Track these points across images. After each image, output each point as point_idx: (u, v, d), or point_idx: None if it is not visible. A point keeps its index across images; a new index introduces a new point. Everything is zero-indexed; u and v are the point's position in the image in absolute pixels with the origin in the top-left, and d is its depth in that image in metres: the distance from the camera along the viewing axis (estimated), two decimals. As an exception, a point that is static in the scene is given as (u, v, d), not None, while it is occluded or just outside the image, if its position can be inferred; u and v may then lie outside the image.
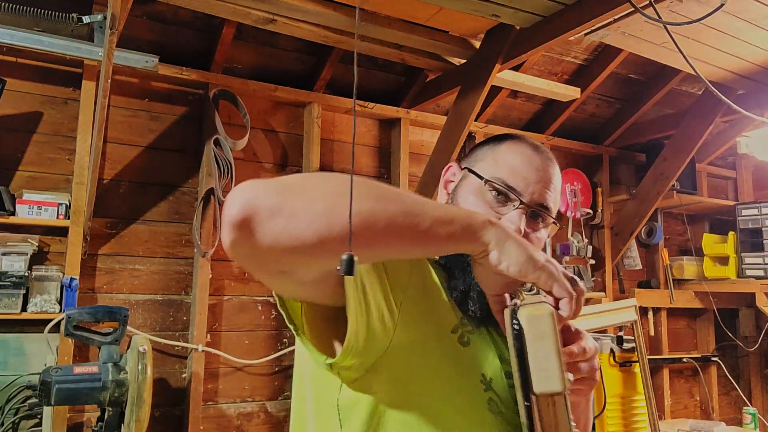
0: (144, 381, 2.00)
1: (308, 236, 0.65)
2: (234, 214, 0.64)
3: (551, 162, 0.96)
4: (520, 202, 0.91)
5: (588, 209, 3.74)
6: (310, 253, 0.66)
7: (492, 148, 0.98)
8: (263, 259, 0.68)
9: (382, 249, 0.71)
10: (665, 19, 1.90)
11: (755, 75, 2.93)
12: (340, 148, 3.16)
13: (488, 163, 0.95)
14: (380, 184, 0.76)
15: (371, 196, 0.69)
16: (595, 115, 3.92)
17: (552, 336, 0.70)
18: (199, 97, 2.82)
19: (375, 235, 0.68)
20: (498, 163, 0.94)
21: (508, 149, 0.96)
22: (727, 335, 4.20)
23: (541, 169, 0.94)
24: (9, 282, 2.22)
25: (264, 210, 0.64)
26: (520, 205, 0.91)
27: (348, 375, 0.82)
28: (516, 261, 0.73)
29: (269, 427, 2.83)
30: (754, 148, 3.49)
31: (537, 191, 0.92)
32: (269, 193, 0.66)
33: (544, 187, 0.93)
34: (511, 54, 2.61)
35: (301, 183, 0.69)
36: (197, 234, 2.66)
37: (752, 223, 3.85)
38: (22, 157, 2.45)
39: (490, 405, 0.85)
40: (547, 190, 0.93)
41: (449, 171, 1.02)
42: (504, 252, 0.73)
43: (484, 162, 0.96)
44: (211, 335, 2.71)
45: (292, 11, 2.40)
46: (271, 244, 0.65)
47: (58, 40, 2.30)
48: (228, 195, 0.67)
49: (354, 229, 0.64)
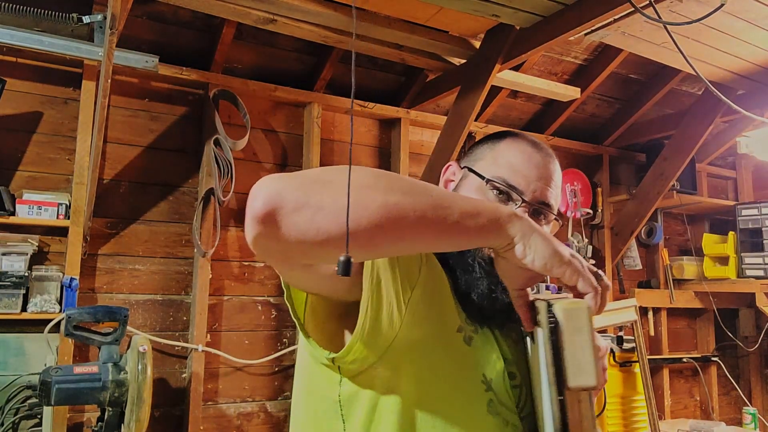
0: (144, 381, 2.00)
1: (335, 229, 0.64)
2: (258, 208, 0.64)
3: (551, 159, 0.96)
4: (522, 201, 0.91)
5: (588, 209, 3.74)
6: (336, 245, 0.65)
7: (491, 146, 0.97)
8: (289, 252, 0.69)
9: (410, 242, 0.70)
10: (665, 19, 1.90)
11: (755, 75, 2.93)
12: (340, 148, 3.16)
13: (488, 162, 0.95)
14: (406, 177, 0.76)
15: (399, 189, 0.68)
16: (595, 115, 3.92)
17: (588, 330, 0.69)
18: (199, 97, 2.82)
19: (404, 227, 0.67)
20: (498, 162, 0.94)
21: (507, 147, 0.95)
22: (727, 335, 4.20)
23: (542, 166, 0.93)
24: (9, 282, 2.22)
25: (289, 203, 0.64)
26: (522, 204, 0.91)
27: (351, 369, 0.82)
28: (541, 255, 0.72)
29: (269, 427, 2.83)
30: (754, 148, 3.49)
31: (538, 189, 0.92)
32: (294, 186, 0.66)
33: (545, 184, 0.93)
34: (511, 54, 2.61)
35: (325, 176, 0.69)
36: (197, 234, 2.66)
37: (752, 223, 3.85)
38: (22, 157, 2.45)
39: (490, 406, 0.86)
40: (548, 187, 0.93)
41: (449, 170, 1.02)
42: (529, 245, 0.72)
43: (484, 161, 0.96)
44: (211, 335, 2.72)
45: (292, 11, 2.40)
46: (298, 238, 0.65)
47: (58, 40, 2.29)
48: (252, 188, 0.67)
49: (383, 222, 0.65)
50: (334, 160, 3.12)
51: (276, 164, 2.99)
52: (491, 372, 0.88)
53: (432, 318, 0.86)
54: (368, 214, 0.64)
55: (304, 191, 0.65)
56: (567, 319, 0.70)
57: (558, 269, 0.72)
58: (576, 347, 0.69)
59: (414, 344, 0.83)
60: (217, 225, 2.71)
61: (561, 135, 3.79)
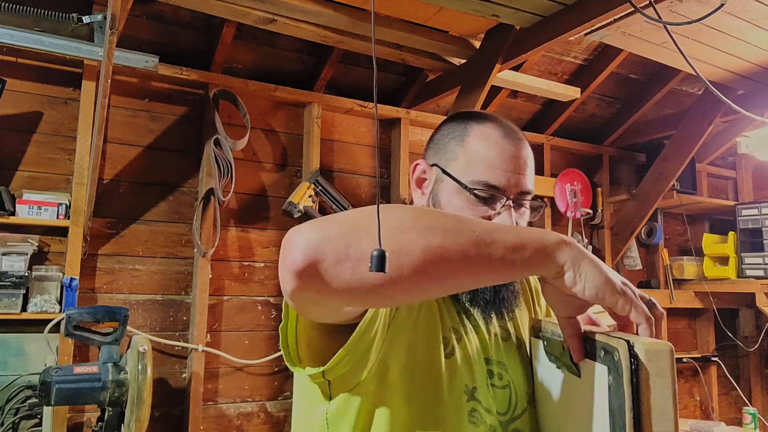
0: (144, 381, 2.00)
1: (379, 279, 0.62)
2: (297, 261, 0.61)
3: (522, 141, 0.94)
4: (507, 199, 0.90)
5: (588, 209, 3.74)
6: (381, 293, 0.65)
7: (460, 141, 0.94)
8: (331, 302, 0.68)
9: (454, 281, 0.68)
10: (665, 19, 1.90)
11: (755, 75, 2.92)
12: (340, 147, 3.17)
13: (462, 163, 0.92)
14: (444, 212, 0.74)
15: (440, 229, 0.66)
16: (595, 115, 3.92)
17: (670, 374, 0.64)
18: (199, 97, 2.82)
19: (448, 269, 0.65)
20: (472, 162, 0.91)
21: (477, 142, 0.92)
22: (727, 335, 4.20)
23: (516, 155, 0.92)
24: (9, 282, 2.22)
25: (330, 255, 0.61)
26: (506, 202, 0.90)
27: (340, 385, 0.83)
28: (593, 284, 0.68)
29: (269, 427, 2.83)
30: (754, 148, 3.49)
31: (516, 180, 0.91)
32: (333, 235, 0.63)
33: (522, 173, 0.92)
34: (511, 54, 2.61)
35: (363, 222, 0.65)
36: (197, 234, 2.66)
37: (752, 223, 3.85)
38: (22, 157, 2.45)
39: (473, 415, 0.86)
40: (525, 174, 0.92)
41: (418, 168, 0.99)
42: (580, 273, 0.68)
43: (457, 162, 0.93)
44: (211, 335, 2.71)
45: (292, 11, 2.40)
46: (342, 289, 0.63)
47: (58, 40, 2.29)
48: (287, 238, 0.64)
49: (426, 267, 0.63)
50: (334, 160, 3.13)
51: (276, 164, 2.99)
52: (474, 380, 0.88)
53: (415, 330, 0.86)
54: (410, 260, 0.62)
55: (343, 241, 0.62)
56: (650, 362, 0.63)
57: (610, 298, 0.68)
58: (658, 392, 0.63)
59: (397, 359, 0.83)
60: (217, 225, 2.71)
61: (561, 135, 3.79)
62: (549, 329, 0.84)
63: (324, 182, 2.97)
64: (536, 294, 1.07)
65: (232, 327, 2.79)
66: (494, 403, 0.89)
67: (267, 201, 2.95)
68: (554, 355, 0.81)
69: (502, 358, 0.93)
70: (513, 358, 0.95)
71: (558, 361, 0.80)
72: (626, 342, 0.65)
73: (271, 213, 2.95)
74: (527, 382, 0.94)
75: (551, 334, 0.82)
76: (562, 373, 0.80)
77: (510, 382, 0.92)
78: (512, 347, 0.96)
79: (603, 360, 0.68)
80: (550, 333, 0.83)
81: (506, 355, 0.94)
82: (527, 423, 0.91)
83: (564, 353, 0.76)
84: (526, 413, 0.92)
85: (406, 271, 0.63)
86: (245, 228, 2.88)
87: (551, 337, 0.82)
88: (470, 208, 0.91)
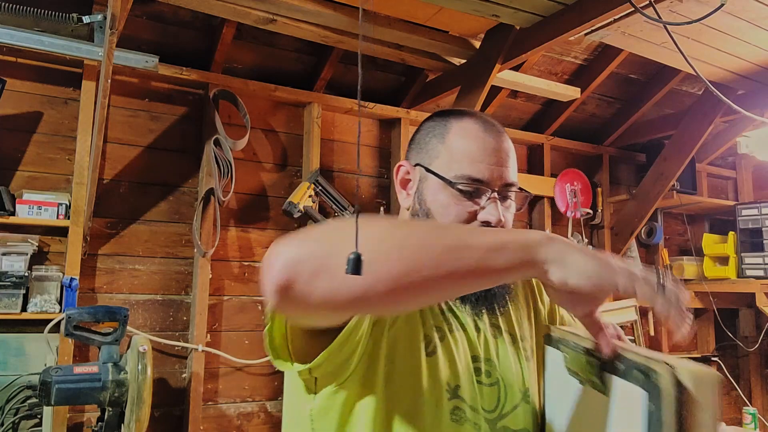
0: (144, 381, 2.00)
1: (355, 293, 0.63)
2: (275, 280, 0.63)
3: (502, 134, 0.95)
4: (492, 192, 0.91)
5: (588, 209, 3.74)
6: (357, 305, 0.66)
7: (441, 139, 0.95)
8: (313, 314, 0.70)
9: (437, 290, 0.67)
10: (665, 19, 1.90)
11: (755, 75, 2.92)
12: (340, 147, 3.16)
13: (445, 160, 0.93)
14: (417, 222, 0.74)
15: (413, 238, 0.66)
16: (595, 115, 3.92)
17: (713, 401, 0.59)
18: (199, 97, 2.82)
19: (425, 280, 0.64)
20: (455, 158, 0.92)
21: (458, 137, 0.93)
22: (727, 335, 4.20)
23: (498, 148, 0.93)
24: (9, 282, 2.22)
25: (305, 274, 0.62)
26: (492, 195, 0.91)
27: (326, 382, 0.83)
28: (583, 272, 0.65)
29: (269, 427, 2.83)
30: (754, 148, 3.49)
31: (500, 173, 0.92)
32: (309, 253, 0.64)
33: (506, 165, 0.93)
34: (511, 54, 2.61)
35: (338, 237, 0.64)
36: (197, 234, 2.66)
37: (752, 223, 3.84)
38: (22, 157, 2.45)
39: (455, 413, 0.85)
40: (508, 166, 0.93)
41: (401, 170, 1.00)
42: (566, 265, 0.66)
43: (439, 159, 0.94)
44: (211, 335, 2.71)
45: (292, 11, 2.40)
46: (319, 305, 0.64)
47: (58, 40, 2.29)
48: (266, 256, 0.65)
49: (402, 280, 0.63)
50: (334, 160, 3.12)
51: (276, 164, 2.99)
52: (457, 378, 0.87)
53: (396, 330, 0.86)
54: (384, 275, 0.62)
55: (318, 260, 0.63)
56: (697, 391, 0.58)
57: (608, 282, 0.64)
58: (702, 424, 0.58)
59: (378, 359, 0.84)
60: (217, 225, 2.71)
61: (561, 135, 3.79)
62: (570, 340, 0.80)
63: (324, 182, 2.97)
64: (538, 291, 1.07)
65: (232, 327, 2.79)
66: (481, 400, 0.88)
67: (267, 201, 2.95)
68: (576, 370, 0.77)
69: (491, 356, 0.93)
70: (504, 355, 0.94)
71: (580, 376, 0.76)
72: (669, 366, 0.60)
73: (271, 213, 2.95)
74: (521, 378, 0.93)
75: (573, 346, 0.78)
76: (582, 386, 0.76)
77: (499, 379, 0.91)
78: (504, 344, 0.96)
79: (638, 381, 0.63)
80: (572, 345, 0.79)
81: (497, 352, 0.94)
82: (519, 420, 0.90)
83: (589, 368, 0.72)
84: (518, 410, 0.91)
85: (380, 288, 0.63)
86: (245, 228, 2.88)
87: (573, 350, 0.78)
88: (456, 204, 0.91)
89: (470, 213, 0.91)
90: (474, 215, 0.91)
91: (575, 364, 0.77)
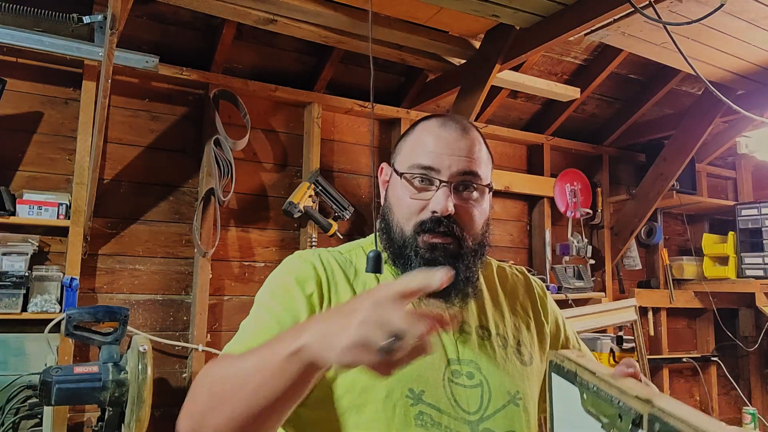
0: (144, 381, 2.00)
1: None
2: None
3: (464, 130, 0.95)
4: (442, 181, 0.91)
5: (588, 209, 3.74)
6: None
7: (405, 138, 0.99)
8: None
9: (268, 421, 0.74)
10: (665, 20, 1.90)
11: (755, 75, 2.93)
12: (340, 147, 3.17)
13: (405, 154, 0.96)
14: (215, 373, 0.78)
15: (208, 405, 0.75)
16: (595, 115, 3.92)
17: None
18: (199, 97, 2.82)
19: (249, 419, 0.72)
20: (414, 150, 0.95)
21: (418, 134, 0.97)
22: (727, 335, 4.20)
23: (453, 140, 0.93)
24: (9, 282, 2.22)
25: None
26: (441, 184, 0.91)
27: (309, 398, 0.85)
28: (342, 347, 0.61)
29: (269, 427, 2.83)
30: (754, 148, 3.49)
31: (456, 163, 0.92)
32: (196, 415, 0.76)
33: (463, 155, 0.93)
34: (511, 54, 2.61)
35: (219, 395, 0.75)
36: (197, 234, 2.66)
37: (752, 223, 3.85)
38: (22, 157, 2.45)
39: (420, 418, 0.85)
40: (468, 157, 0.93)
41: (383, 172, 1.04)
42: (327, 347, 0.63)
43: (401, 155, 0.98)
44: (211, 335, 2.72)
45: (292, 11, 2.40)
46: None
47: (58, 40, 2.29)
48: None
49: (241, 423, 0.72)
50: (334, 160, 3.13)
51: (276, 164, 2.99)
52: (422, 383, 0.87)
53: None
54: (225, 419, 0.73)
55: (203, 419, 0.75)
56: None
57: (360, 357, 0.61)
58: None
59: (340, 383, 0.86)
60: (217, 225, 2.71)
61: (561, 135, 3.79)
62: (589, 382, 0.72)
63: (324, 182, 2.97)
64: (541, 305, 1.07)
65: (232, 327, 2.79)
66: (457, 403, 0.87)
67: (267, 201, 2.95)
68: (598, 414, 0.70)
69: (474, 357, 0.92)
70: (490, 358, 0.93)
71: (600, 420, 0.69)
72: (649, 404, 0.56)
73: (271, 213, 2.95)
74: (508, 380, 0.93)
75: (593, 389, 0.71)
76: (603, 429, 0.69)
77: (483, 381, 0.91)
78: (492, 346, 0.95)
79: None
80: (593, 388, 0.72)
81: (481, 354, 0.93)
82: (502, 422, 0.89)
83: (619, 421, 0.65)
84: (504, 411, 0.90)
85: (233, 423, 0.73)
86: (245, 228, 2.88)
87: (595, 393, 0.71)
88: (408, 196, 0.93)
89: (421, 203, 0.92)
90: (425, 206, 0.92)
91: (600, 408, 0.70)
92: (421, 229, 0.91)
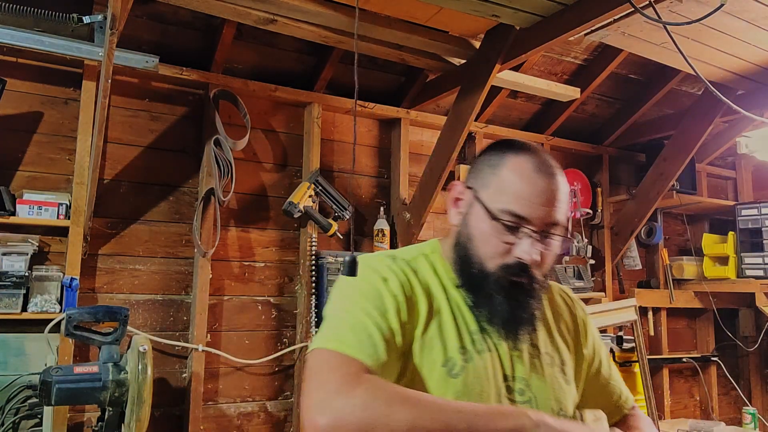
0: (144, 381, 2.00)
1: None
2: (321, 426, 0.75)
3: (555, 176, 0.97)
4: (532, 231, 0.93)
5: (588, 209, 3.74)
6: None
7: (493, 171, 0.98)
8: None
9: None
10: (665, 20, 1.90)
11: (755, 75, 2.93)
12: (340, 148, 3.17)
13: (494, 191, 0.96)
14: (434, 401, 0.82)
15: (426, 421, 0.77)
16: (595, 115, 3.92)
17: None
18: (199, 97, 2.82)
19: None
20: (504, 192, 0.95)
21: (510, 173, 0.96)
22: (727, 335, 4.20)
23: (547, 189, 0.95)
24: (9, 282, 2.22)
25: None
26: (527, 232, 0.93)
27: None
28: None
29: (269, 427, 2.83)
30: (754, 148, 3.49)
31: (545, 213, 0.94)
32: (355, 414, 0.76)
33: (552, 206, 0.94)
34: (511, 54, 2.61)
35: (383, 413, 0.77)
36: (197, 234, 2.66)
37: (752, 223, 3.85)
38: (22, 157, 2.45)
39: None
40: (555, 207, 0.95)
41: (457, 189, 1.04)
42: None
43: (489, 190, 0.97)
44: (211, 335, 2.72)
45: (292, 11, 2.40)
46: None
47: (58, 40, 2.29)
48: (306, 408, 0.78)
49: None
50: (334, 160, 3.13)
51: (276, 164, 2.99)
52: (483, 397, 0.92)
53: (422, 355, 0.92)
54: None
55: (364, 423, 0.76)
56: None
57: None
58: None
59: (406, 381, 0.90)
60: (217, 225, 2.71)
61: (561, 135, 3.79)
62: None
63: (324, 182, 2.97)
64: (582, 325, 1.12)
65: (232, 327, 2.79)
66: None
67: (267, 201, 2.95)
68: None
69: (525, 374, 0.97)
70: (539, 375, 0.99)
71: None
72: None
73: (271, 213, 2.95)
74: (553, 398, 0.98)
75: None
76: None
77: (532, 398, 0.96)
78: (541, 364, 1.00)
79: None
80: None
81: (532, 371, 0.98)
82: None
83: None
84: None
85: None
86: (245, 228, 2.88)
87: None
88: (495, 237, 0.94)
89: (507, 247, 0.94)
90: (510, 250, 0.94)
91: None
92: (505, 271, 0.95)
